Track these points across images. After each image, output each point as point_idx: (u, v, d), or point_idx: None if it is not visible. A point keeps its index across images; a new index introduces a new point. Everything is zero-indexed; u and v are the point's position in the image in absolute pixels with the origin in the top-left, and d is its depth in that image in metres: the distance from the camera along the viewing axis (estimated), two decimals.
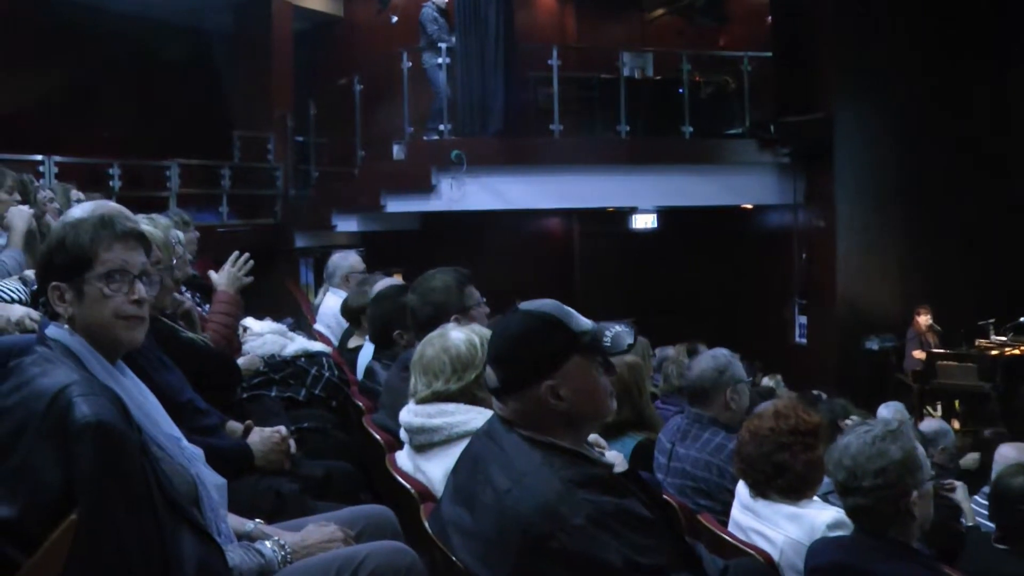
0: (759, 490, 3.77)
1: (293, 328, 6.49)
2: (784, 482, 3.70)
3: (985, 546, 4.57)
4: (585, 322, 2.70)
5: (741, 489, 3.93)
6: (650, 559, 2.46)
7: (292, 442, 3.78)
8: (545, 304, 2.71)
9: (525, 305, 2.74)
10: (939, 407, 13.60)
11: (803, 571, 3.38)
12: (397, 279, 7.85)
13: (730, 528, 3.93)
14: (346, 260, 7.47)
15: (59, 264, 2.52)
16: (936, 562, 3.30)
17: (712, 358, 4.73)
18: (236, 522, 2.91)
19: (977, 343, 13.63)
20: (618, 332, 2.67)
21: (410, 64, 13.07)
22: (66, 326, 2.51)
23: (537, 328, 2.65)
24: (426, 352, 3.51)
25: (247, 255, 5.24)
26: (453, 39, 12.68)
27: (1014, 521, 4.50)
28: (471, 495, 2.65)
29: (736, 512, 3.94)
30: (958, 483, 5.10)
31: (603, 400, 2.69)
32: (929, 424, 8.83)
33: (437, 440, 3.39)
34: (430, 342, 3.54)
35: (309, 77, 14.92)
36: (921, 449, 3.17)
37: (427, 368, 3.47)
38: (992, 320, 13.61)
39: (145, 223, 4.25)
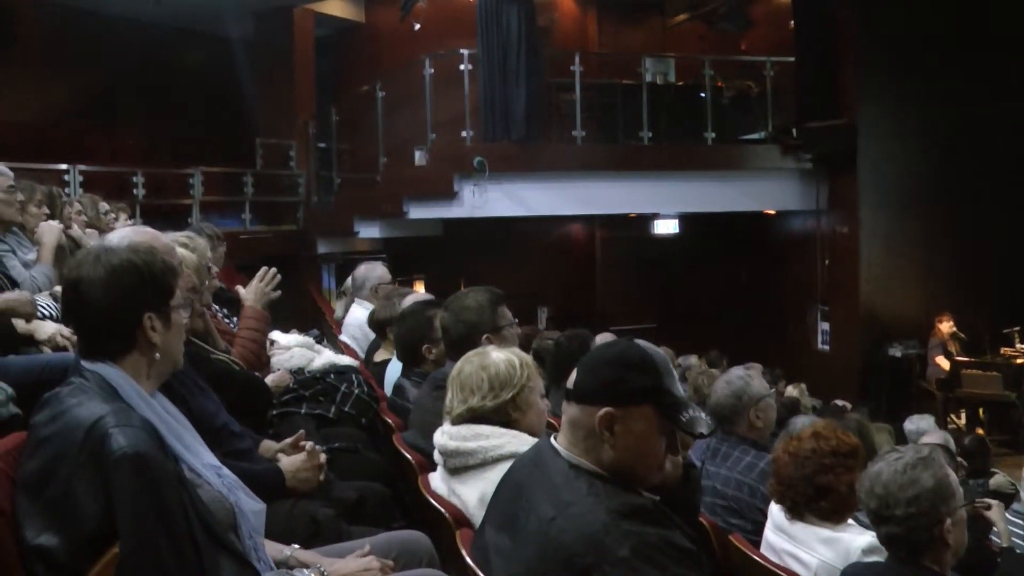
0: (797, 512, 3.75)
1: (319, 340, 6.51)
2: (828, 504, 3.68)
3: (1020, 568, 4.55)
4: (677, 387, 2.68)
5: (775, 510, 3.91)
6: None
7: (323, 457, 3.78)
8: (657, 350, 2.72)
9: (640, 341, 2.76)
10: (963, 415, 13.56)
11: None
12: (421, 291, 7.89)
13: (763, 550, 3.91)
14: (374, 272, 7.47)
15: (149, 296, 2.54)
16: None
17: (727, 384, 4.68)
18: (273, 548, 2.93)
19: (1002, 351, 13.58)
20: (699, 416, 2.65)
21: (432, 71, 13.08)
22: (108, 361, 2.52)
23: (636, 360, 2.64)
24: (464, 368, 3.53)
25: (274, 270, 5.25)
26: None
27: None
28: (514, 521, 2.65)
29: (769, 533, 3.92)
30: (994, 502, 5.07)
31: (649, 464, 2.64)
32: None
33: (472, 463, 3.38)
34: (469, 359, 3.56)
35: (331, 84, 14.99)
36: (953, 475, 3.15)
37: (464, 384, 3.48)
38: (1017, 328, 13.57)
39: (183, 240, 4.29)
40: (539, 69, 13.05)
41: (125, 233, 3.49)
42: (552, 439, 2.72)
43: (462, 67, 12.86)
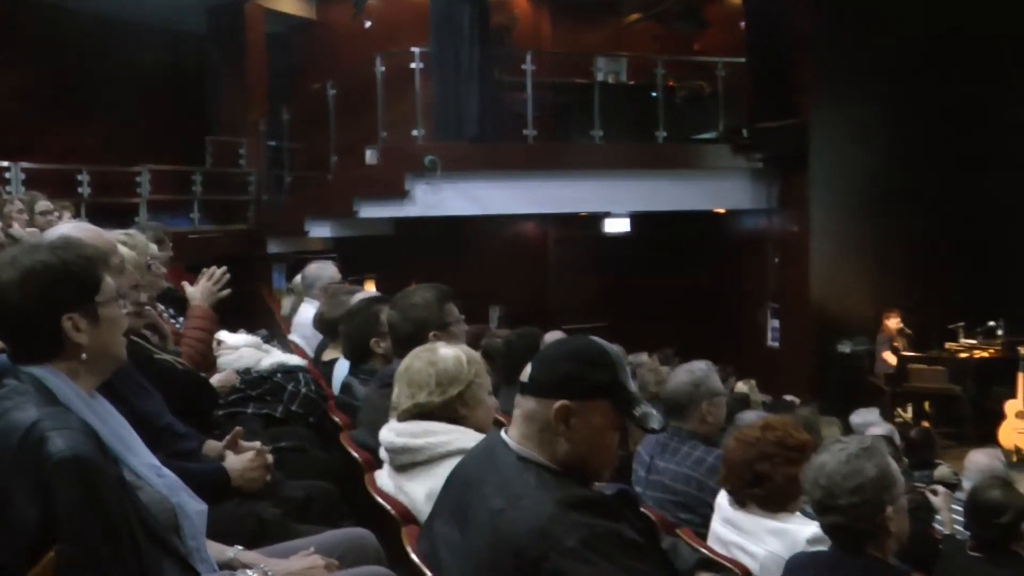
0: (739, 498, 3.81)
1: (268, 340, 6.46)
2: (763, 492, 3.75)
3: (960, 554, 4.62)
4: (632, 384, 2.72)
5: (722, 502, 3.95)
6: None
7: (270, 457, 3.74)
8: (612, 346, 2.73)
9: (595, 337, 2.77)
10: (910, 409, 13.74)
11: None
12: (372, 290, 7.85)
13: (710, 542, 3.94)
14: (325, 271, 7.42)
15: (68, 295, 2.45)
16: None
17: (688, 372, 4.75)
18: (217, 550, 2.88)
19: (947, 346, 13.79)
20: (650, 412, 2.69)
21: (384, 69, 13.04)
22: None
23: (594, 354, 2.66)
24: (412, 364, 3.52)
25: (224, 268, 5.22)
26: None
27: (989, 532, 4.55)
28: (463, 514, 2.65)
29: (717, 526, 3.96)
30: (941, 488, 5.14)
31: (602, 458, 2.69)
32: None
33: (420, 460, 3.38)
34: (417, 355, 3.56)
35: (283, 81, 14.87)
36: (895, 465, 3.18)
37: (412, 380, 3.48)
38: (962, 324, 13.77)
39: (122, 239, 4.25)
40: (491, 68, 13.03)
41: (62, 230, 3.45)
42: (503, 433, 2.73)
43: (413, 65, 12.82)
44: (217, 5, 14.23)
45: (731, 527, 3.83)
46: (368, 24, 14.62)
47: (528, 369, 2.70)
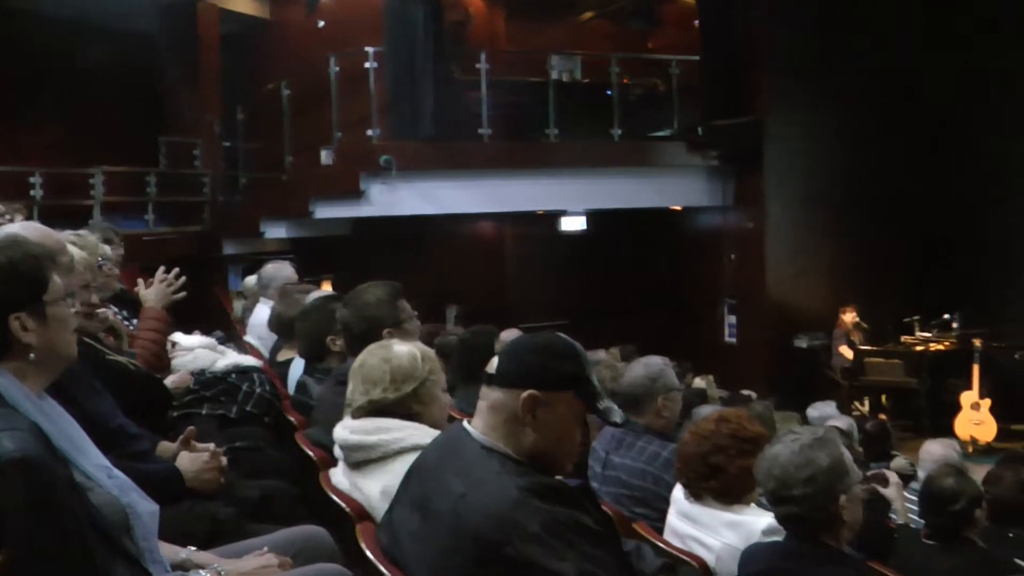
0: (694, 491, 3.84)
1: (223, 341, 6.43)
2: (717, 484, 3.77)
3: (915, 543, 4.67)
4: (596, 379, 2.75)
5: (677, 495, 3.97)
6: (602, 570, 2.50)
7: (224, 459, 3.73)
8: (579, 345, 2.77)
9: (563, 335, 2.81)
10: (867, 403, 13.86)
11: None
12: (326, 288, 7.83)
13: (667, 535, 3.96)
14: (282, 272, 7.39)
15: (13, 295, 2.43)
16: (867, 565, 3.35)
17: (644, 366, 4.77)
18: (170, 550, 2.86)
19: (903, 340, 13.91)
20: (613, 407, 2.74)
21: (338, 68, 12.99)
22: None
23: (560, 348, 2.72)
24: (367, 361, 3.52)
25: (177, 271, 5.19)
26: None
27: (944, 520, 4.60)
28: (425, 502, 2.67)
29: (673, 519, 3.97)
30: (892, 476, 5.19)
31: (568, 447, 2.73)
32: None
33: (374, 457, 3.37)
34: (371, 352, 3.56)
35: (237, 81, 14.76)
36: (848, 454, 3.21)
37: (366, 376, 3.48)
38: (917, 317, 13.90)
39: (72, 239, 4.21)
40: (446, 67, 13.01)
41: (10, 229, 3.41)
42: (466, 423, 2.75)
43: (368, 65, 12.77)
44: (170, 5, 14.10)
45: (687, 520, 3.85)
46: (322, 24, 14.56)
47: (495, 361, 2.73)
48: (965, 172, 14.34)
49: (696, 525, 3.80)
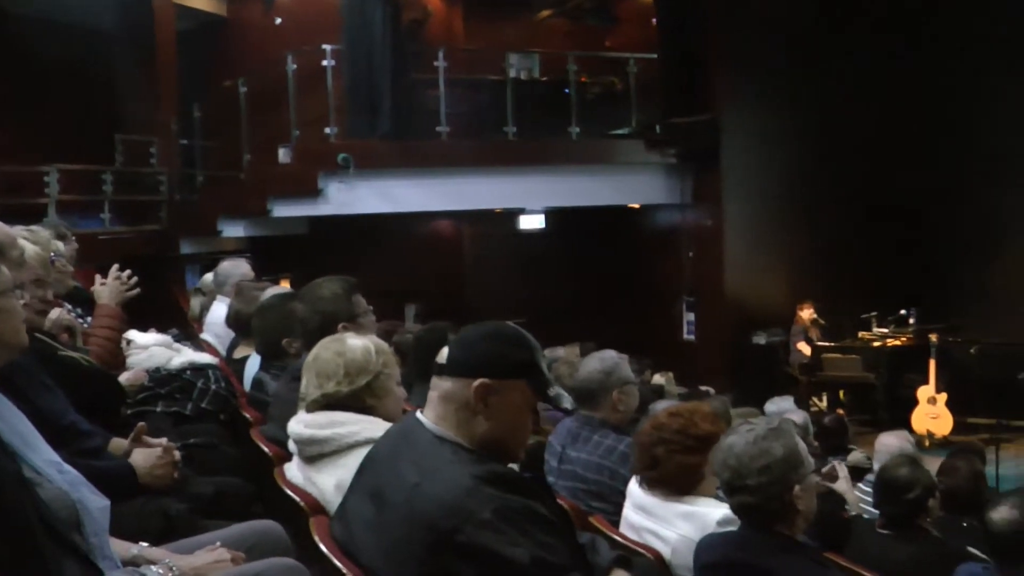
0: (640, 480, 3.88)
1: (179, 339, 6.38)
2: (656, 475, 3.81)
3: (870, 533, 4.70)
4: (545, 366, 2.78)
5: (633, 488, 3.99)
6: (554, 557, 2.50)
7: (177, 454, 3.71)
8: (526, 332, 2.79)
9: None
10: (825, 398, 13.97)
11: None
12: (284, 287, 7.79)
13: (623, 528, 3.98)
14: (238, 269, 7.36)
15: None
16: (821, 553, 3.37)
17: (599, 360, 4.78)
18: (121, 547, 2.84)
19: (860, 335, 14.04)
20: (563, 393, 2.77)
21: (295, 66, 12.94)
22: None
23: (511, 337, 2.74)
24: (320, 355, 3.52)
25: (129, 272, 5.17)
26: None
27: (898, 509, 4.64)
28: (379, 492, 2.67)
29: (629, 512, 3.99)
30: (841, 468, 5.23)
31: (518, 436, 2.76)
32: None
33: (328, 451, 3.37)
34: (325, 346, 3.55)
35: (194, 79, 14.64)
36: (803, 444, 3.23)
37: (320, 370, 3.47)
38: (874, 313, 14.02)
39: (24, 234, 4.16)
40: (404, 65, 12.96)
41: None
42: (418, 414, 2.76)
43: (325, 63, 12.72)
44: (126, 1, 13.97)
45: (642, 513, 3.86)
46: (279, 21, 14.49)
47: (445, 351, 2.73)
48: (920, 170, 14.48)
49: (651, 517, 3.81)
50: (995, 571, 4.08)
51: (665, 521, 3.75)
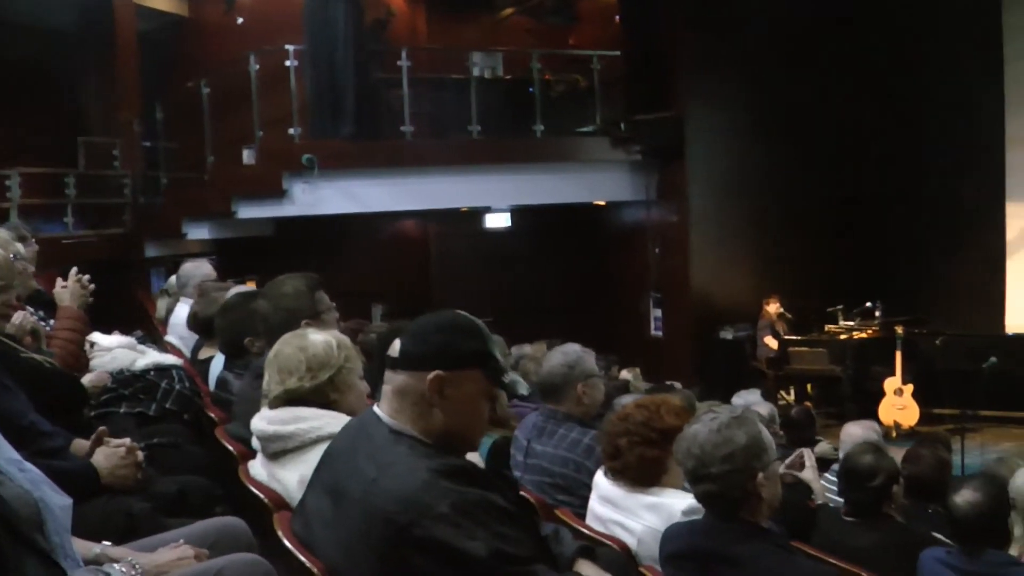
0: (606, 470, 3.91)
1: (143, 341, 6.35)
2: (617, 465, 3.84)
3: (835, 521, 4.74)
4: (499, 354, 2.78)
5: (599, 479, 4.01)
6: (514, 549, 2.50)
7: (140, 454, 3.69)
8: (478, 320, 2.78)
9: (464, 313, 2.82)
10: (792, 392, 14.04)
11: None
12: (250, 287, 7.76)
13: (589, 520, 3.99)
14: (199, 269, 7.33)
15: None
16: (786, 540, 3.38)
17: (562, 354, 4.78)
18: (83, 546, 2.83)
19: (827, 328, 14.12)
20: (518, 379, 2.79)
21: (258, 66, 12.88)
22: None
23: (464, 326, 2.73)
24: (282, 350, 3.51)
25: (87, 276, 5.17)
26: None
27: (862, 497, 4.67)
28: (338, 486, 2.66)
29: (595, 503, 4.01)
30: (808, 455, 5.27)
31: (474, 425, 2.76)
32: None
33: (291, 447, 3.36)
34: (286, 341, 3.55)
35: (156, 80, 14.54)
36: (766, 432, 3.24)
37: (282, 366, 3.47)
38: (840, 306, 14.11)
39: None
40: (367, 64, 12.94)
41: None
42: (375, 408, 2.75)
43: (288, 63, 12.68)
44: (86, 2, 13.84)
45: (608, 504, 3.88)
46: (241, 20, 14.41)
47: (397, 344, 2.72)
48: (885, 164, 14.61)
49: (617, 509, 3.82)
50: (958, 554, 4.12)
51: (631, 512, 3.76)
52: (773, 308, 14.23)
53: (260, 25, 13.98)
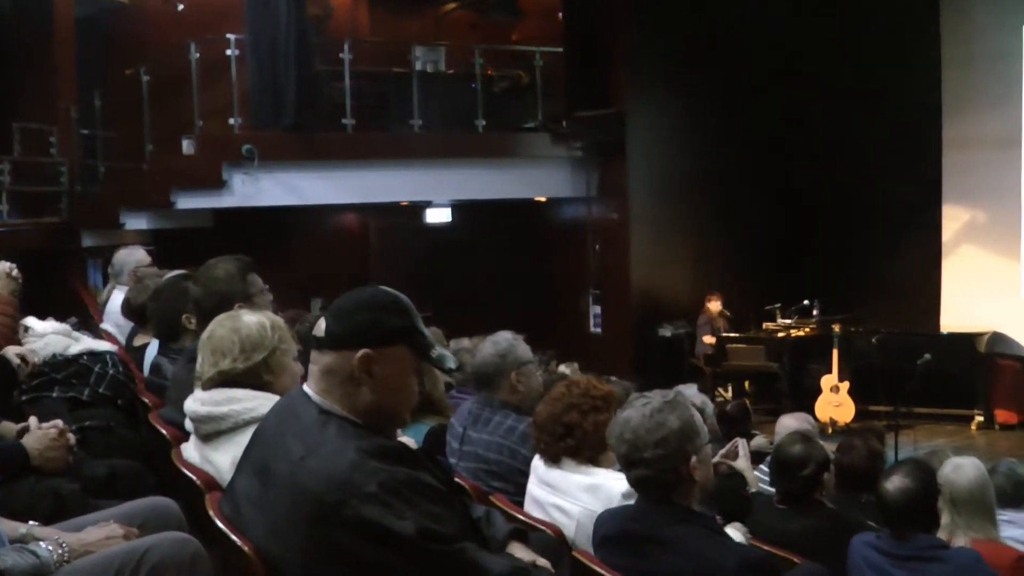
0: (551, 454, 3.90)
1: (78, 328, 6.28)
2: (573, 442, 3.85)
3: (768, 508, 4.80)
4: (424, 328, 2.75)
5: (537, 464, 4.03)
6: (443, 527, 2.49)
7: (72, 436, 3.66)
8: (401, 294, 2.76)
9: (385, 288, 2.79)
10: (730, 389, 14.16)
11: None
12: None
13: (527, 504, 4.02)
14: (132, 256, 7.27)
15: None
16: (717, 522, 3.41)
17: (492, 344, 4.79)
18: (9, 526, 2.83)
19: (765, 326, 14.26)
20: (446, 353, 2.78)
21: (198, 55, 12.76)
22: None
23: (387, 302, 2.71)
24: (215, 332, 3.49)
25: (14, 265, 5.13)
26: None
27: (793, 485, 4.73)
28: (266, 467, 2.64)
29: (533, 487, 4.03)
30: (741, 445, 5.33)
31: (404, 401, 2.75)
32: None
33: (224, 428, 3.34)
34: (220, 323, 3.52)
35: (95, 67, 14.35)
36: (698, 415, 3.27)
37: (215, 347, 3.44)
38: (778, 304, 14.25)
39: None
40: (309, 56, 12.86)
41: None
42: (304, 387, 2.72)
43: (229, 52, 12.57)
44: None
45: (546, 488, 3.90)
46: (181, 7, 14.25)
47: (322, 324, 2.70)
48: (823, 163, 14.78)
49: (555, 492, 3.85)
50: (888, 538, 4.19)
51: (569, 495, 3.79)
52: (714, 305, 14.36)
53: (201, 13, 13.83)
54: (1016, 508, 5.43)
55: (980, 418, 13.17)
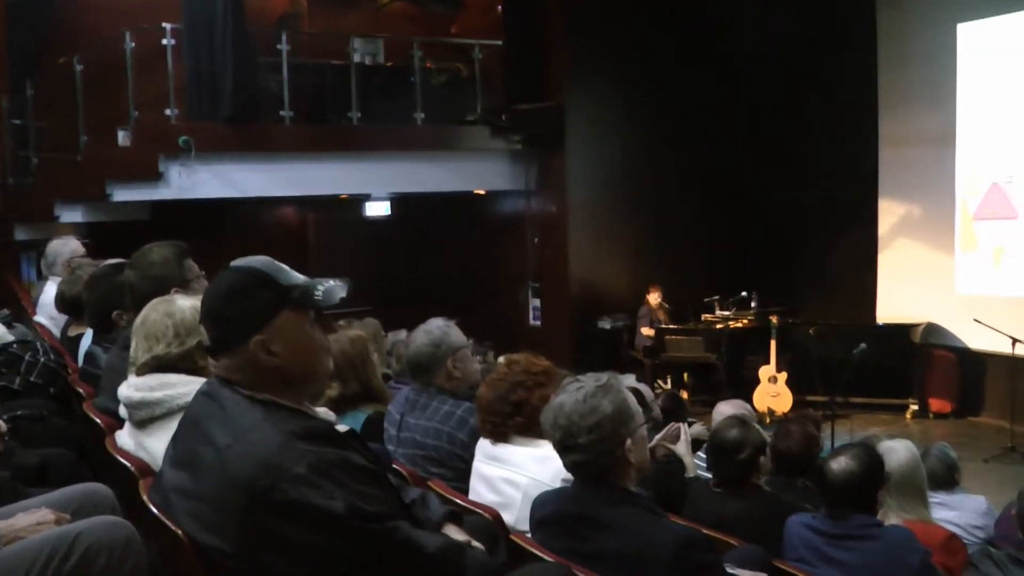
0: (500, 434, 3.95)
1: (10, 320, 6.20)
2: (523, 419, 3.91)
3: (706, 492, 4.84)
4: (296, 276, 2.69)
5: (483, 444, 4.07)
6: (373, 506, 2.48)
7: (3, 425, 3.61)
8: (254, 260, 2.69)
9: (235, 262, 2.70)
10: (669, 380, 14.26)
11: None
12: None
13: (474, 482, 4.06)
14: (66, 246, 7.18)
15: None
16: (654, 503, 3.43)
17: (425, 333, 4.78)
18: None
19: (703, 318, 14.38)
20: (331, 286, 2.68)
21: (134, 44, 12.59)
22: None
23: (245, 283, 2.62)
24: (149, 316, 3.45)
25: None
26: None
27: (730, 469, 4.77)
28: (192, 457, 2.59)
29: (480, 465, 4.06)
30: (682, 427, 5.37)
31: (318, 356, 2.70)
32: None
33: (159, 414, 3.31)
34: (153, 307, 3.49)
35: (26, 55, 14.11)
36: (632, 397, 3.28)
37: (149, 332, 3.41)
38: (716, 297, 14.38)
39: None
40: (246, 47, 12.74)
41: None
42: (214, 368, 2.68)
43: (165, 42, 12.43)
44: None
45: (495, 462, 3.94)
46: None
47: (204, 333, 2.66)
48: (761, 157, 14.94)
49: (504, 465, 3.89)
50: (823, 518, 4.26)
51: (518, 466, 3.84)
52: (654, 298, 14.45)
53: (137, 2, 13.65)
54: (948, 490, 5.56)
55: (915, 407, 13.36)
